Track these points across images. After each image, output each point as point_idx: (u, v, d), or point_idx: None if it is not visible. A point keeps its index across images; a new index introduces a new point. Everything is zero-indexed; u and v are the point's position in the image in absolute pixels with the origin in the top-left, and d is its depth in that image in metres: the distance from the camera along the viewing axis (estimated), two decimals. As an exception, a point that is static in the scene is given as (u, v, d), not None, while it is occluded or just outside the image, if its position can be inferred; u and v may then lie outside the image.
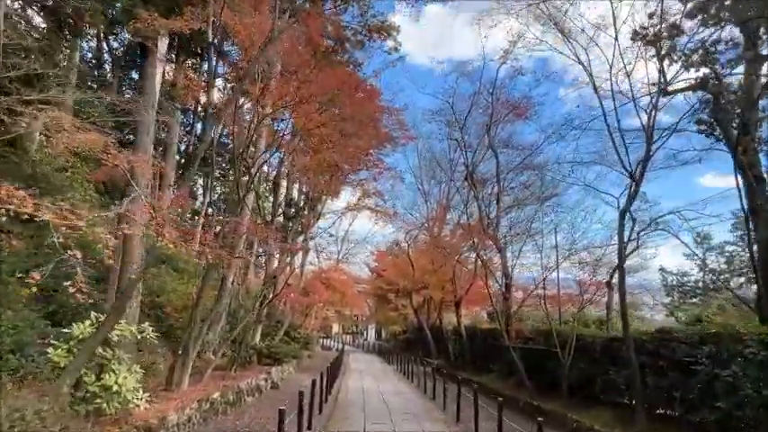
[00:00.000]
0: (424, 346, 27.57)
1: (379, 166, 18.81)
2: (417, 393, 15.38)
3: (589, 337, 11.61)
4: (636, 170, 10.95)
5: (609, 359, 10.69)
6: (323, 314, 35.60)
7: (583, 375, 11.60)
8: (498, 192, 16.94)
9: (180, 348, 9.81)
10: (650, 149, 10.53)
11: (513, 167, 17.39)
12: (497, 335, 19.30)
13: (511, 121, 18.24)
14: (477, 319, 28.33)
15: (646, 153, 10.58)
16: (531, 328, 14.87)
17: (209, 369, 11.78)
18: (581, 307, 13.00)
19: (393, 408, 12.14)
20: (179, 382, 9.78)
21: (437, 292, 24.96)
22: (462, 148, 17.96)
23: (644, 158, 10.62)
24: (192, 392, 9.56)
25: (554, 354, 12.54)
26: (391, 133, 21.65)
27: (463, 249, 21.97)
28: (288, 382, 16.88)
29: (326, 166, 19.33)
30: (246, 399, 11.93)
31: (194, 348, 10.28)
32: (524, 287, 16.42)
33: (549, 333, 13.92)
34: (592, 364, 11.33)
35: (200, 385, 10.73)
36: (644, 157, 10.63)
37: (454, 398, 12.37)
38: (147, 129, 13.05)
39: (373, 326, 61.33)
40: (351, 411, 11.61)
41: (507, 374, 16.53)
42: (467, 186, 22.69)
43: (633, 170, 11.00)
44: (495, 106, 17.31)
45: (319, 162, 19.03)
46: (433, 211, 25.63)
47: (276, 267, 17.72)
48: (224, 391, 10.37)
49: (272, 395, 13.66)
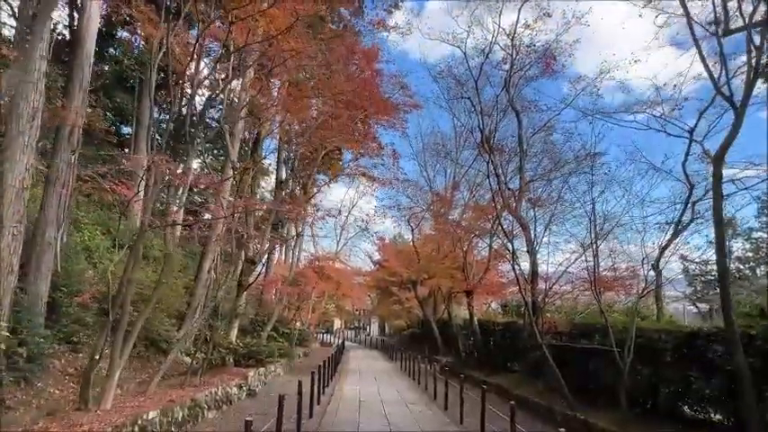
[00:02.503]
0: (431, 341, 24.92)
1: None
2: (426, 402, 12.66)
3: (655, 332, 8.82)
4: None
5: (688, 361, 7.94)
6: (321, 308, 32.97)
7: (644, 382, 8.87)
8: (521, 158, 14.11)
9: (97, 352, 7.05)
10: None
11: (540, 128, 14.54)
12: (517, 329, 16.61)
13: (533, 78, 15.40)
14: (488, 313, 25.64)
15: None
16: (564, 321, 12.07)
17: (157, 377, 9.10)
18: (642, 293, 10.18)
19: (396, 424, 9.42)
20: (100, 397, 7.09)
21: (445, 281, 22.21)
22: (476, 109, 15.09)
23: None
24: (115, 413, 6.88)
25: (600, 353, 9.83)
26: (393, 101, 18.89)
27: (475, 234, 19.15)
28: (272, 386, 14.20)
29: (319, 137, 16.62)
30: (206, 414, 9.23)
31: (123, 351, 7.56)
32: (545, 277, 13.69)
33: (591, 327, 11.19)
34: (659, 367, 8.58)
35: (138, 400, 8.05)
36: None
37: (471, 407, 9.78)
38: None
39: (376, 320, 58.94)
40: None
41: (532, 376, 13.79)
42: (479, 159, 19.95)
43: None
44: (515, 58, 14.45)
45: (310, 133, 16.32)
46: (438, 192, 22.89)
47: (258, 251, 15.02)
48: (167, 407, 7.67)
49: (245, 407, 10.96)
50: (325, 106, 15.22)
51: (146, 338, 12.30)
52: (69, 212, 10.54)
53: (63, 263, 10.48)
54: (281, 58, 11.53)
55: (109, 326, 7.08)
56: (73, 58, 10.54)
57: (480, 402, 10.16)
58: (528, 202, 13.58)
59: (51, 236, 9.40)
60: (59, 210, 9.91)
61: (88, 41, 10.64)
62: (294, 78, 13.73)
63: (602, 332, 9.93)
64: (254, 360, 14.42)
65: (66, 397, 7.84)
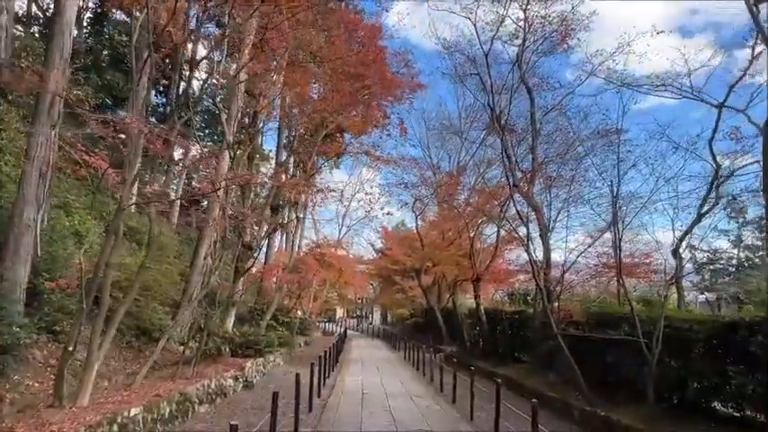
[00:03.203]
0: (435, 330, 24.30)
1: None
2: (432, 394, 12.02)
3: (684, 322, 8.08)
4: None
5: (724, 354, 7.22)
6: (323, 296, 32.37)
7: (672, 376, 8.16)
8: (533, 137, 13.27)
9: (71, 343, 6.35)
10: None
11: (554, 106, 13.61)
12: (527, 318, 15.96)
13: (547, 54, 14.49)
14: (494, 301, 24.97)
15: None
16: (579, 310, 11.33)
17: (144, 369, 8.44)
18: (670, 280, 9.42)
19: (402, 421, 8.76)
20: (77, 392, 6.43)
21: (450, 269, 21.49)
22: (486, 86, 14.22)
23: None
24: (92, 410, 6.22)
25: (620, 344, 9.13)
26: (398, 78, 18.01)
27: (483, 218, 18.37)
28: (270, 378, 13.59)
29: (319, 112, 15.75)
30: (197, 409, 8.59)
31: (103, 341, 6.88)
32: (558, 264, 12.96)
33: (608, 316, 10.49)
34: (688, 360, 7.87)
35: (122, 394, 7.39)
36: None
37: (480, 400, 9.19)
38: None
39: (378, 309, 58.52)
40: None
41: (542, 367, 13.13)
42: (486, 143, 19.19)
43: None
44: (528, 32, 13.54)
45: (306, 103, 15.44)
46: (445, 171, 22.08)
47: (256, 235, 14.30)
48: (152, 403, 7.01)
49: (241, 400, 10.32)
50: (325, 76, 14.37)
51: (137, 328, 11.67)
52: (51, 192, 9.82)
53: (47, 247, 9.81)
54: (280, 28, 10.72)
55: (83, 314, 6.37)
56: (53, 25, 9.79)
57: (488, 394, 9.55)
58: (541, 181, 12.77)
59: (30, 217, 8.68)
60: (39, 189, 9.22)
61: (68, 10, 9.89)
62: (293, 47, 12.87)
63: (625, 321, 9.21)
64: (252, 350, 13.77)
65: (46, 390, 7.18)
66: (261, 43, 12.31)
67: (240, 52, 15.15)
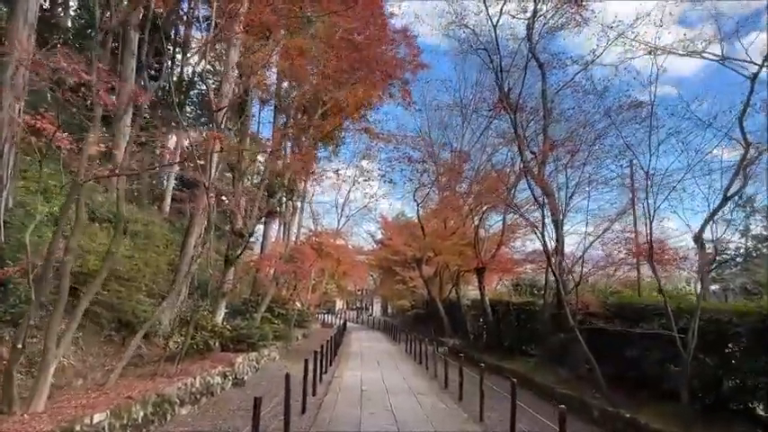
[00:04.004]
0: (437, 322, 23.49)
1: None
2: (437, 391, 11.19)
3: (723, 314, 7.21)
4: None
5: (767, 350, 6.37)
6: (321, 288, 31.54)
7: (707, 374, 7.32)
8: (545, 116, 12.32)
9: (19, 340, 5.46)
10: None
11: (566, 83, 12.59)
12: (535, 310, 15.14)
13: (559, 28, 13.48)
14: (498, 292, 24.14)
15: None
16: (596, 301, 10.46)
17: (119, 368, 7.59)
18: (709, 264, 8.53)
19: (405, 422, 7.94)
20: (32, 395, 5.57)
21: (453, 258, 20.62)
22: (494, 63, 13.23)
23: None
24: (47, 416, 5.37)
25: (644, 338, 8.29)
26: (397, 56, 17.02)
27: (490, 204, 17.43)
28: (263, 373, 12.77)
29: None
30: (178, 411, 7.75)
31: (63, 337, 6.00)
32: (573, 254, 12.10)
33: (629, 307, 9.64)
34: (725, 356, 7.02)
35: (90, 396, 6.54)
36: None
37: (490, 399, 8.40)
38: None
39: (378, 300, 57.82)
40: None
41: (552, 362, 12.32)
42: (492, 127, 18.27)
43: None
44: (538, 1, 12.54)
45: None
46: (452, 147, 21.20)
47: (247, 222, 13.37)
48: (122, 406, 6.15)
49: (229, 399, 9.48)
50: (321, 44, 13.37)
51: (118, 320, 10.81)
52: (15, 172, 8.92)
53: (17, 233, 8.92)
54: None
55: (34, 305, 5.50)
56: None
57: (496, 391, 8.74)
58: (554, 163, 11.85)
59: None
60: (3, 169, 8.34)
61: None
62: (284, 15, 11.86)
63: (650, 313, 8.37)
64: (244, 344, 12.93)
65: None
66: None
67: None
